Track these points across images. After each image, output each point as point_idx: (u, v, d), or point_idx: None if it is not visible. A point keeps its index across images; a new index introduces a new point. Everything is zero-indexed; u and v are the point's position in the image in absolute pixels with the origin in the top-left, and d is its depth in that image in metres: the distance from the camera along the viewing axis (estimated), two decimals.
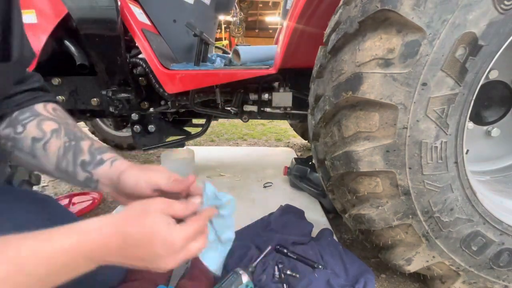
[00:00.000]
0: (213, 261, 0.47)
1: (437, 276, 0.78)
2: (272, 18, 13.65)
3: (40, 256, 0.32)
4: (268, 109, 1.32)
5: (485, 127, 0.97)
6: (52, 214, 0.61)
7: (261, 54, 1.31)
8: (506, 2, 0.55)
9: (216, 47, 1.99)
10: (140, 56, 1.18)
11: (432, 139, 0.63)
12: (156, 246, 0.37)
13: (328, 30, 0.75)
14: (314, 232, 1.04)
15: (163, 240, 0.38)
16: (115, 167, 0.51)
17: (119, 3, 1.06)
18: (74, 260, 0.35)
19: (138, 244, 0.37)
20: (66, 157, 0.51)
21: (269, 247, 0.88)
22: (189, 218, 0.42)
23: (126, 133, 2.20)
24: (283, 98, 1.24)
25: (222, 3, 1.62)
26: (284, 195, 1.41)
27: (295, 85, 1.26)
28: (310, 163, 1.46)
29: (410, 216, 0.69)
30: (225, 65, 1.34)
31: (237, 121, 3.57)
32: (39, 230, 0.34)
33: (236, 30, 9.58)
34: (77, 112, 1.41)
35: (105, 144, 0.50)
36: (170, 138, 1.51)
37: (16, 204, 0.57)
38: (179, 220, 0.41)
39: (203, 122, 1.49)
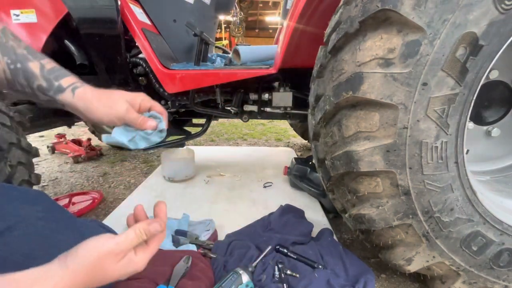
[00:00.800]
0: (125, 137, 0.53)
1: (437, 276, 0.78)
2: (272, 18, 13.65)
3: None
4: (268, 109, 1.32)
5: (485, 127, 0.97)
6: (45, 211, 0.61)
7: (261, 54, 1.31)
8: (506, 2, 0.55)
9: (216, 47, 1.99)
10: (140, 55, 1.18)
11: (432, 139, 0.63)
12: (126, 275, 0.44)
13: (328, 30, 0.75)
14: (314, 232, 1.04)
15: (132, 271, 0.44)
16: (78, 97, 0.49)
17: (119, 3, 1.06)
18: None
19: (111, 280, 0.43)
20: (17, 80, 0.47)
21: (269, 247, 0.88)
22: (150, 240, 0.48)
23: None
24: (283, 98, 1.24)
25: (222, 3, 1.62)
26: (284, 195, 1.41)
27: (295, 85, 1.26)
28: (310, 163, 1.46)
29: (410, 216, 0.69)
30: (225, 65, 1.34)
31: (237, 121, 3.58)
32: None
33: (236, 30, 9.57)
34: None
35: (52, 61, 0.47)
36: (170, 138, 1.51)
37: (9, 200, 0.57)
38: None
39: (203, 122, 1.49)
